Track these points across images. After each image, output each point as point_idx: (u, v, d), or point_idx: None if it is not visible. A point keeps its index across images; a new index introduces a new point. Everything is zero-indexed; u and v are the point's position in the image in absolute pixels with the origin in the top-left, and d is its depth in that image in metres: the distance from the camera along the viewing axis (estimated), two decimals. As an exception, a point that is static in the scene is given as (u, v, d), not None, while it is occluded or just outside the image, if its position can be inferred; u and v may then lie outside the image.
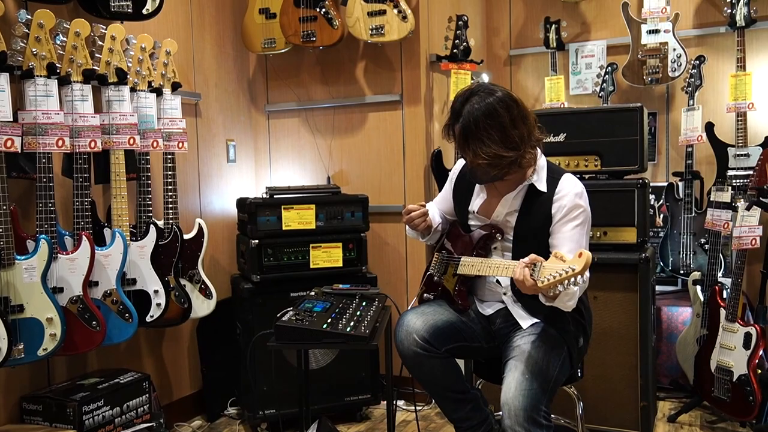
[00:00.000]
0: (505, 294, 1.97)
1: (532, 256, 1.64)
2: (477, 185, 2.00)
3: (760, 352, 2.56)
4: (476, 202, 2.00)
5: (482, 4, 3.84)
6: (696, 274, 2.91)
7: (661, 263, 3.23)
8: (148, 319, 2.45)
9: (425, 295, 2.09)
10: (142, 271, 2.44)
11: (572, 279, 1.55)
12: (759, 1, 3.11)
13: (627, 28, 3.35)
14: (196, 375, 3.05)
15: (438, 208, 2.18)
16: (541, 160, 1.91)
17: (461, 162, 2.08)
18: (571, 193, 1.84)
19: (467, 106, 1.78)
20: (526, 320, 1.91)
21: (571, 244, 1.80)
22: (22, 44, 2.08)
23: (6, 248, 2.00)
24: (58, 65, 2.16)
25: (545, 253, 1.82)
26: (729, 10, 3.09)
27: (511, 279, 1.78)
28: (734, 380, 2.58)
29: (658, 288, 3.09)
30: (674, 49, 3.23)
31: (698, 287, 2.86)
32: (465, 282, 2.00)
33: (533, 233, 1.88)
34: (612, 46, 3.54)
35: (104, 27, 2.33)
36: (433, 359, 1.90)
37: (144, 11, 2.45)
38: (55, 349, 2.10)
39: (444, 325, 1.93)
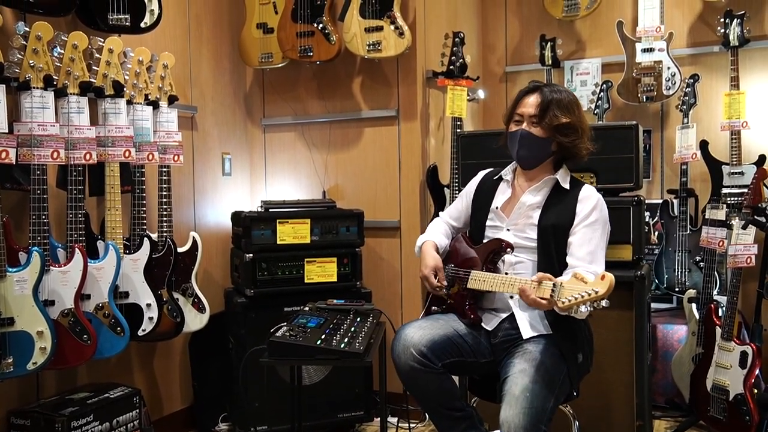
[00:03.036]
0: (511, 297, 1.97)
1: (540, 274, 1.71)
2: (502, 184, 2.07)
3: (757, 372, 2.55)
4: (500, 198, 2.06)
5: (478, 21, 3.87)
6: (691, 292, 2.91)
7: (656, 281, 3.23)
8: (140, 332, 2.42)
9: (433, 308, 2.09)
10: (134, 284, 2.42)
11: (595, 302, 1.56)
12: (752, 21, 3.15)
13: (622, 47, 3.38)
14: (187, 390, 3.02)
15: (448, 220, 2.22)
16: (565, 167, 2.04)
17: (482, 172, 2.19)
18: (595, 197, 1.97)
19: (548, 86, 1.99)
20: (528, 331, 1.91)
21: (590, 246, 1.89)
22: (20, 56, 2.08)
23: (-3, 260, 1.99)
24: (55, 77, 2.15)
25: (563, 249, 1.91)
26: (722, 30, 3.12)
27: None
28: (730, 400, 2.57)
29: (653, 305, 3.08)
30: (668, 68, 3.26)
31: (693, 305, 2.86)
32: (475, 296, 2.00)
33: (555, 228, 1.93)
34: (607, 64, 3.57)
35: (102, 40, 2.33)
36: (429, 374, 1.88)
37: (142, 25, 2.46)
38: (45, 363, 2.08)
39: (442, 339, 1.91)
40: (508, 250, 1.95)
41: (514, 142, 1.98)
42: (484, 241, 2.04)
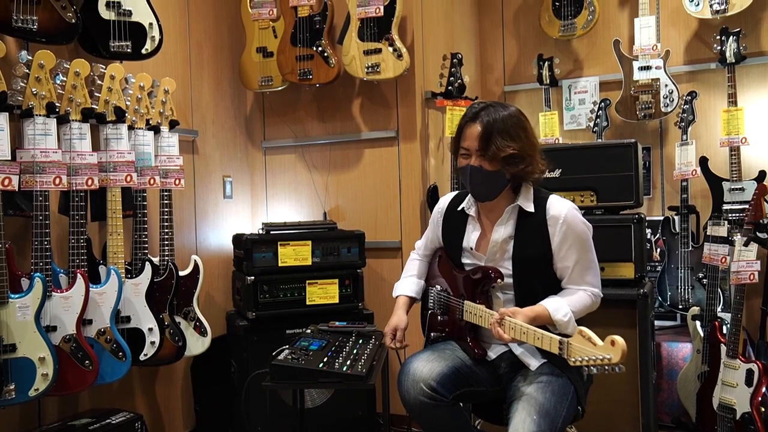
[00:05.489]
0: None
1: (503, 310, 1.75)
2: (469, 223, 1.99)
3: (763, 390, 2.52)
4: (472, 237, 1.97)
5: (476, 41, 3.91)
6: (695, 310, 2.89)
7: (659, 298, 3.21)
8: (141, 357, 2.42)
9: (432, 334, 2.05)
10: (136, 308, 2.41)
11: (608, 368, 1.55)
12: (748, 38, 3.18)
13: (619, 65, 3.41)
14: (189, 414, 3.00)
15: (427, 254, 2.19)
16: (525, 188, 1.94)
17: (445, 200, 2.11)
18: (563, 212, 1.85)
19: (489, 110, 1.85)
20: (533, 362, 1.87)
21: (583, 263, 1.86)
22: (23, 84, 2.10)
23: (0, 287, 1.98)
24: (57, 104, 2.17)
25: (546, 276, 1.87)
26: (719, 47, 3.15)
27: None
28: (737, 418, 2.54)
29: (656, 323, 3.07)
30: (666, 85, 3.28)
31: (698, 323, 2.84)
32: (475, 328, 1.95)
33: (532, 258, 1.87)
34: (604, 82, 3.60)
35: (104, 66, 2.36)
36: (440, 408, 1.83)
37: (143, 51, 2.49)
38: (47, 390, 2.07)
39: (450, 371, 1.86)
40: (498, 281, 1.88)
41: (466, 178, 1.88)
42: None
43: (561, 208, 1.87)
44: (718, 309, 2.85)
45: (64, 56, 2.30)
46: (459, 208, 2.02)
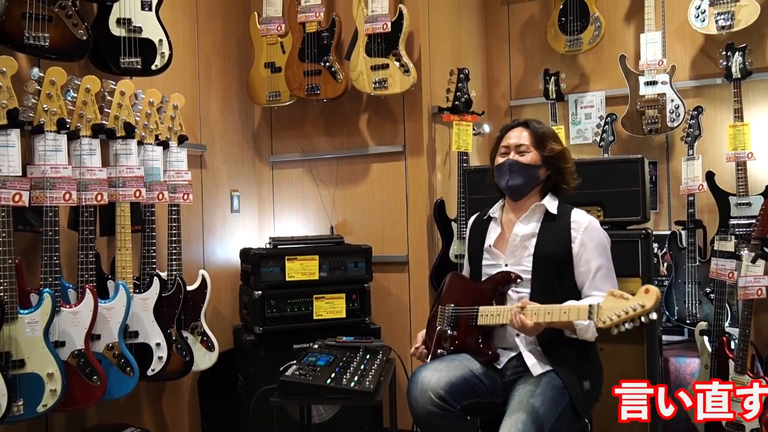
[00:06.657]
0: (517, 335, 1.94)
1: (525, 300, 1.81)
2: (491, 224, 2.09)
3: (772, 406, 2.50)
4: (491, 236, 2.08)
5: (483, 56, 3.93)
6: (703, 324, 2.88)
7: (667, 313, 3.20)
8: (149, 372, 2.41)
9: (439, 350, 2.05)
10: (144, 323, 2.42)
11: (643, 316, 1.56)
12: (754, 53, 3.19)
13: (625, 80, 3.42)
14: (196, 429, 2.99)
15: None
16: (552, 194, 2.07)
17: (472, 217, 2.23)
18: (586, 220, 1.98)
19: (532, 121, 2.09)
20: (536, 368, 1.90)
21: (602, 272, 1.92)
22: (34, 100, 2.12)
23: (9, 302, 1.99)
24: (67, 120, 2.19)
25: (564, 279, 1.92)
26: (725, 63, 3.16)
27: None
28: (747, 435, 2.53)
29: (664, 338, 3.05)
30: (672, 100, 3.29)
31: (705, 338, 2.83)
32: (487, 332, 1.97)
33: (552, 257, 1.94)
34: (610, 96, 3.61)
35: (114, 82, 2.37)
36: (448, 418, 1.84)
37: (152, 67, 2.51)
38: (55, 405, 2.06)
39: (459, 381, 1.87)
40: (519, 281, 1.95)
41: (503, 172, 2.03)
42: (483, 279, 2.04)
43: (584, 216, 2.00)
44: (726, 324, 2.84)
45: (75, 72, 2.32)
46: (485, 217, 2.14)
